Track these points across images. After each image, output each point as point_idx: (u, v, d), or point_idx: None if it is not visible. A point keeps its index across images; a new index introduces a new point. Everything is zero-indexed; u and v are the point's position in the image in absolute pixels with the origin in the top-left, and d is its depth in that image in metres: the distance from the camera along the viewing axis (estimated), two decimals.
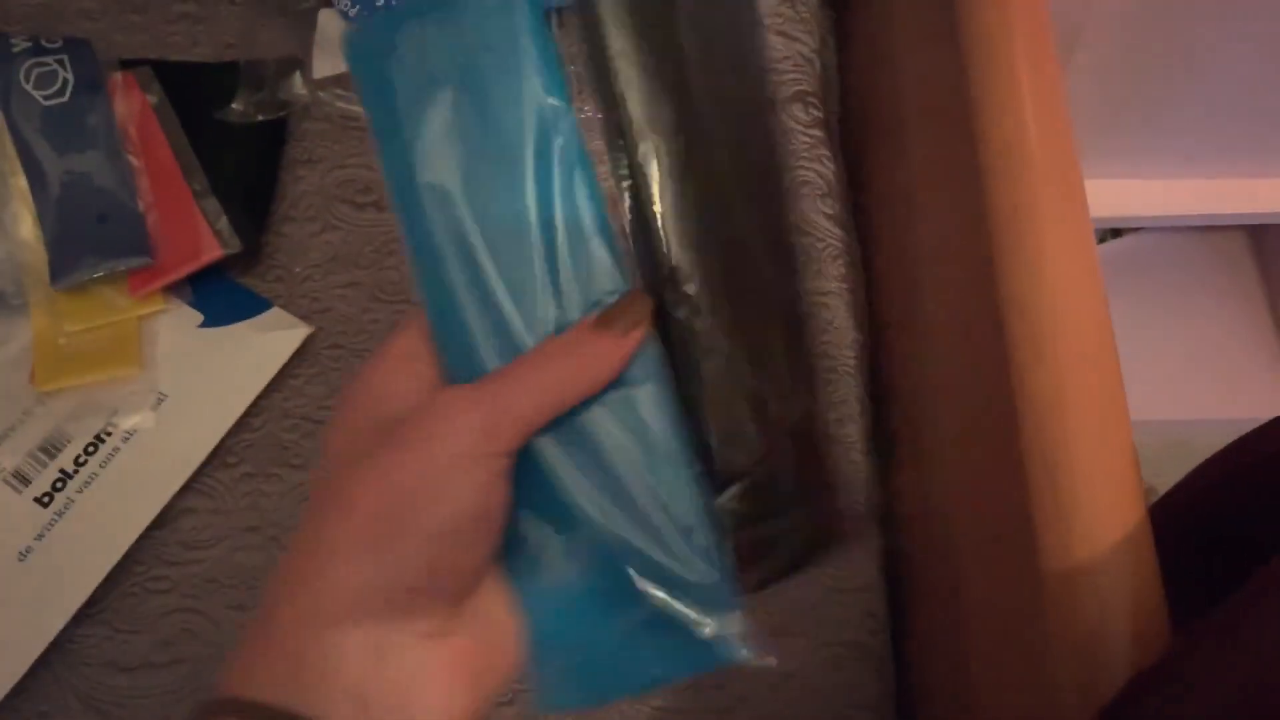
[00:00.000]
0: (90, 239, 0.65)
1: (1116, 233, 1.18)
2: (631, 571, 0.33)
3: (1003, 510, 0.49)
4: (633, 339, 0.32)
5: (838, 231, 0.70)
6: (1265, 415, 0.52)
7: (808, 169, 0.71)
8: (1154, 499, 0.51)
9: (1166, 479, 0.54)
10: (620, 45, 0.36)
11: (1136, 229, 1.17)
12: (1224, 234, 1.19)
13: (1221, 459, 0.55)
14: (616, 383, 0.33)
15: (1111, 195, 0.91)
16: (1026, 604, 0.46)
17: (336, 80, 0.74)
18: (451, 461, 0.30)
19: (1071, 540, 0.43)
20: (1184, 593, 0.44)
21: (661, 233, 0.36)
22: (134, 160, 0.68)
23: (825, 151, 0.72)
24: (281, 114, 0.73)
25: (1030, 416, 0.46)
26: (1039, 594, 0.45)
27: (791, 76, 0.74)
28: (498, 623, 0.34)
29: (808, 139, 0.72)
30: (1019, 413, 0.47)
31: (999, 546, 0.51)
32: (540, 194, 0.33)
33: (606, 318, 0.33)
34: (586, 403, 0.33)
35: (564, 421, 0.33)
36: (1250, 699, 0.37)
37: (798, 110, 0.73)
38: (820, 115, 0.73)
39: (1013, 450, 0.47)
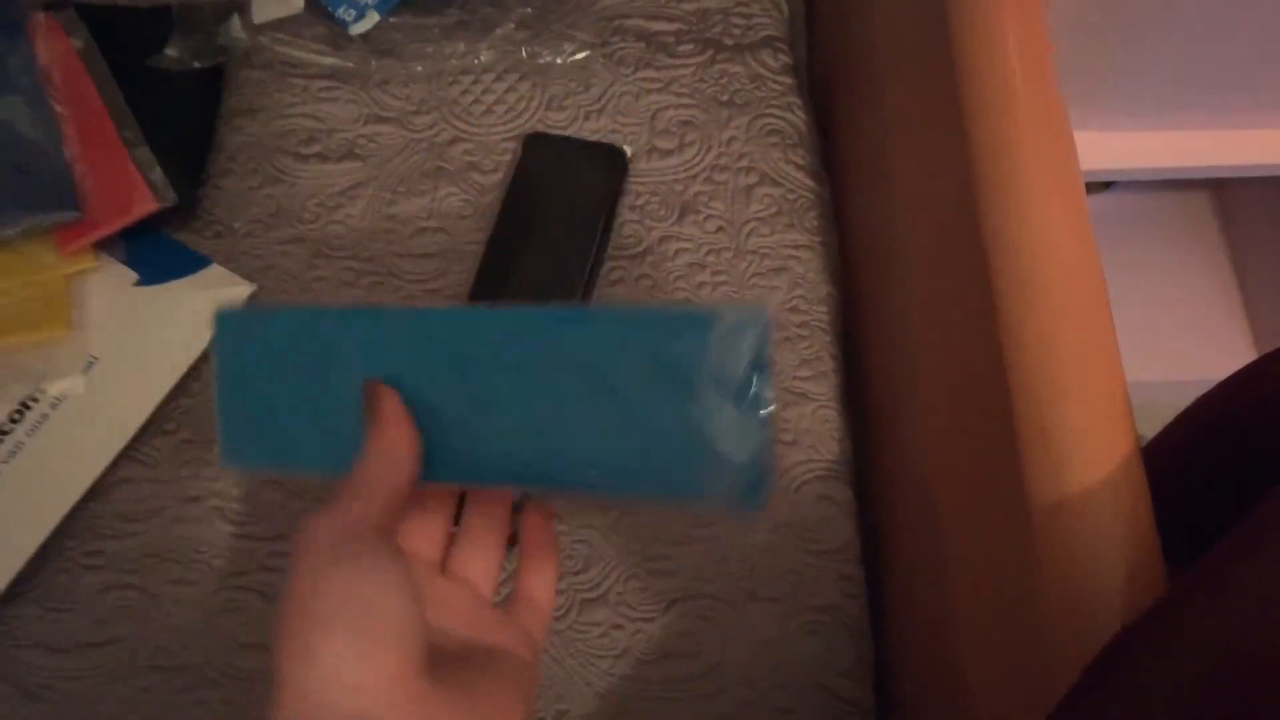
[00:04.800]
0: (12, 191, 0.61)
1: None
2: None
3: (989, 462, 0.47)
4: (385, 419, 0.37)
5: (809, 182, 0.68)
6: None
7: (777, 117, 0.68)
8: None
9: None
10: None
11: (1102, 186, 1.16)
12: (1187, 192, 1.18)
13: (1200, 408, 0.54)
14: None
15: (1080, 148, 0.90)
16: (1014, 557, 0.44)
17: (278, 25, 0.70)
18: (325, 567, 0.33)
19: (1064, 490, 0.42)
20: (1169, 543, 0.43)
21: None
22: (59, 107, 0.64)
23: (795, 99, 0.69)
24: (219, 61, 0.69)
25: (1019, 365, 0.44)
26: (1029, 546, 0.43)
27: (759, 20, 0.71)
28: (483, 698, 0.35)
29: (777, 86, 0.69)
30: (1007, 361, 0.45)
31: (984, 499, 0.49)
32: None
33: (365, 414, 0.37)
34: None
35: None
36: (1239, 651, 0.36)
37: (766, 56, 0.70)
38: (789, 61, 0.70)
39: (1000, 400, 0.45)
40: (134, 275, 0.63)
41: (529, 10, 0.70)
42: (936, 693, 0.57)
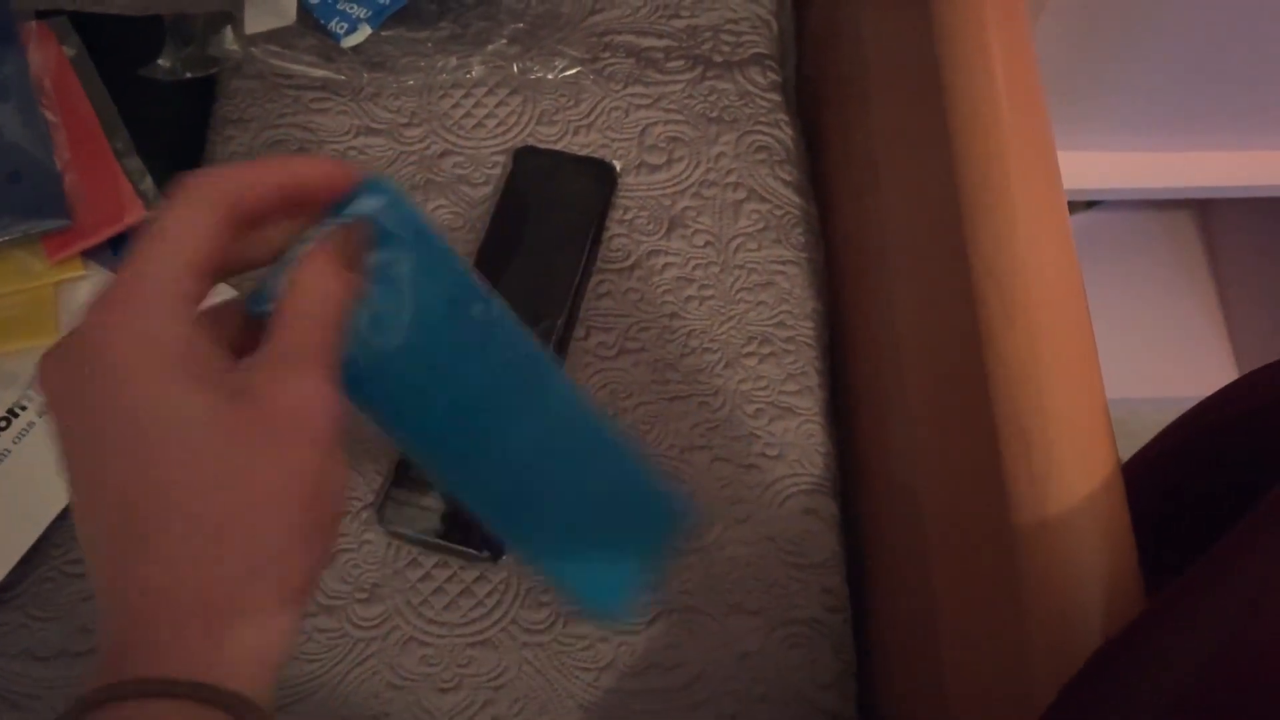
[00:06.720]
0: (1, 199, 0.61)
1: None
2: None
3: (973, 476, 0.47)
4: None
5: (796, 199, 0.68)
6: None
7: (765, 134, 0.69)
8: None
9: None
10: None
11: (1085, 205, 1.17)
12: (1170, 212, 1.20)
13: (1181, 425, 0.54)
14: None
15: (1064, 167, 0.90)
16: (997, 571, 0.45)
17: (270, 36, 0.70)
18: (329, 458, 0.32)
19: (1046, 504, 0.42)
20: (1148, 558, 0.43)
21: None
22: (50, 115, 0.64)
23: (783, 116, 0.70)
24: (211, 71, 0.69)
25: (1003, 380, 0.45)
26: (1012, 560, 0.43)
27: (749, 38, 0.71)
28: None
29: (765, 102, 0.70)
30: (990, 377, 0.45)
31: (969, 513, 0.49)
32: None
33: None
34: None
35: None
36: (1219, 666, 0.36)
37: (755, 73, 0.70)
38: (777, 78, 0.71)
39: (984, 415, 0.45)
40: None
41: (521, 26, 0.70)
42: (919, 706, 0.58)
